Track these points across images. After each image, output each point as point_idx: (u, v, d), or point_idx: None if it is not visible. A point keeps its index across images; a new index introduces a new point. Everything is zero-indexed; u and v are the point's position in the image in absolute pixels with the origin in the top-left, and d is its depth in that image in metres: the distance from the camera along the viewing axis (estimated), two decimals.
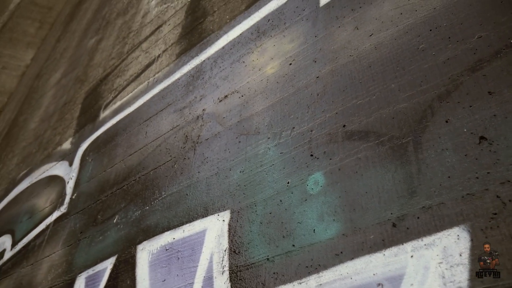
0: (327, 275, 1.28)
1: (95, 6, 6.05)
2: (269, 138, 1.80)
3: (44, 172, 3.61)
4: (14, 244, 3.24)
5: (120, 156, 2.71)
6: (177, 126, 2.40)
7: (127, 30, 4.18)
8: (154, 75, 3.03)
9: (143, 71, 3.25)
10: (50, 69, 5.79)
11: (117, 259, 2.13)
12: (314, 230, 1.40)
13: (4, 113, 6.59)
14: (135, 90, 3.13)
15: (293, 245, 1.42)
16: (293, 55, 2.01)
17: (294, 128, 1.73)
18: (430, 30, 1.51)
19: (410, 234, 1.18)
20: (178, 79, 2.72)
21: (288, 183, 1.59)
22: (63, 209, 2.91)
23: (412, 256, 1.14)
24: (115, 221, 2.33)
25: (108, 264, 2.16)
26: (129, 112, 3.01)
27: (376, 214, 1.28)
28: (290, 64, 1.98)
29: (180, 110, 2.48)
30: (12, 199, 3.84)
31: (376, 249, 1.22)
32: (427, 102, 1.36)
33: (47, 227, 2.95)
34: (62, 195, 3.05)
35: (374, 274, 1.19)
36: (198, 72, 2.59)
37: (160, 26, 3.54)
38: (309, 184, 1.52)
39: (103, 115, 3.34)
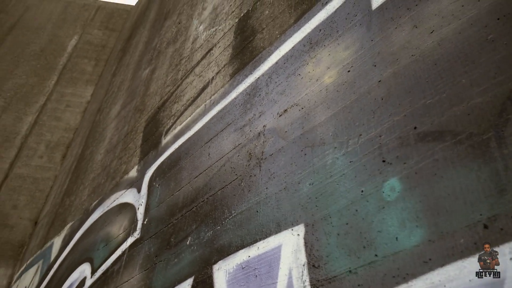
0: (417, 284, 1.22)
1: (145, 38, 6.33)
2: (335, 148, 1.78)
3: (114, 200, 3.78)
4: (93, 272, 3.39)
5: (186, 179, 2.79)
6: (239, 144, 2.44)
7: (178, 57, 4.33)
8: (210, 97, 3.11)
9: (199, 94, 3.34)
10: (110, 103, 6.10)
11: (194, 281, 2.17)
12: (396, 238, 1.35)
13: (71, 148, 7.00)
14: (193, 113, 3.22)
15: (376, 255, 1.38)
16: (350, 62, 1.98)
17: (361, 135, 1.70)
18: (498, 19, 1.44)
19: (505, 235, 1.11)
20: (235, 98, 2.77)
21: (362, 191, 1.55)
22: (136, 234, 3.02)
23: (511, 259, 1.07)
24: (188, 243, 2.38)
25: (186, 286, 2.20)
26: (189, 135, 3.09)
27: (463, 217, 1.22)
28: (349, 71, 1.96)
29: (241, 128, 2.52)
30: (88, 228, 4.05)
31: (468, 254, 1.16)
32: (505, 94, 1.29)
33: (123, 253, 3.06)
34: (134, 221, 3.17)
35: (470, 280, 1.12)
36: (254, 89, 2.63)
37: (211, 49, 3.63)
38: (385, 191, 1.48)
39: (164, 141, 3.46)
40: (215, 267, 2.06)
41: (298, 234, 1.72)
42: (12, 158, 7.13)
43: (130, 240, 3.06)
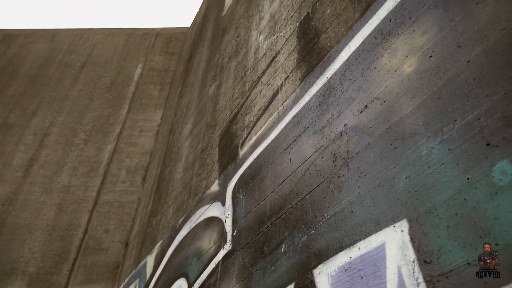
0: None
1: (206, 56, 6.52)
2: (429, 137, 1.71)
3: (200, 215, 3.90)
4: (190, 286, 3.52)
5: (270, 187, 2.81)
6: (321, 146, 2.42)
7: (242, 69, 4.42)
8: (282, 104, 3.13)
9: (269, 103, 3.37)
10: (180, 123, 6.35)
11: (295, 287, 2.17)
12: None
13: (150, 170, 7.36)
14: (267, 122, 3.26)
15: (496, 244, 1.30)
16: (430, 47, 1.90)
17: (456, 120, 1.62)
18: None
19: None
20: (309, 101, 2.76)
21: (468, 179, 1.47)
22: (227, 246, 3.09)
23: None
24: (282, 250, 2.40)
25: None
26: (267, 144, 3.12)
27: None
28: (430, 56, 1.88)
29: (320, 130, 2.50)
30: (178, 245, 4.21)
31: None
32: None
33: (217, 265, 3.15)
34: (223, 233, 3.25)
35: None
36: (327, 90, 2.60)
37: (275, 57, 3.66)
38: (495, 175, 1.39)
39: (242, 152, 3.52)
40: (316, 271, 2.05)
41: (402, 230, 1.66)
42: (98, 186, 7.63)
43: (222, 253, 3.13)
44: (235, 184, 3.40)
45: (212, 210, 3.67)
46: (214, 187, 3.83)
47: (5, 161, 8.14)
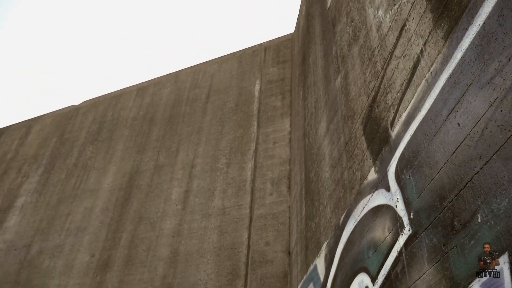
0: None
1: (321, 53, 6.47)
2: None
3: (363, 207, 3.80)
4: (373, 280, 3.42)
5: (442, 159, 2.60)
6: (496, 99, 2.16)
7: (368, 51, 4.25)
8: (429, 70, 2.90)
9: (412, 73, 3.16)
10: (312, 124, 6.35)
11: (510, 255, 1.94)
12: None
13: (293, 177, 7.49)
14: (416, 94, 3.05)
15: None
16: None
17: None
18: None
19: None
20: (463, 57, 2.51)
21: None
22: (406, 231, 2.94)
23: None
24: (479, 220, 2.18)
25: (502, 265, 1.98)
26: (422, 116, 2.92)
27: None
28: None
29: (488, 83, 2.24)
30: (346, 242, 4.15)
31: None
32: None
33: (400, 253, 3.00)
34: (397, 219, 3.10)
35: None
36: (484, 37, 2.34)
37: (403, 26, 3.44)
38: None
39: (394, 133, 3.35)
40: None
41: None
42: (249, 203, 8.01)
43: (402, 239, 2.98)
44: (396, 166, 3.24)
45: (376, 198, 3.54)
46: (372, 176, 3.71)
47: (166, 198, 9.04)
